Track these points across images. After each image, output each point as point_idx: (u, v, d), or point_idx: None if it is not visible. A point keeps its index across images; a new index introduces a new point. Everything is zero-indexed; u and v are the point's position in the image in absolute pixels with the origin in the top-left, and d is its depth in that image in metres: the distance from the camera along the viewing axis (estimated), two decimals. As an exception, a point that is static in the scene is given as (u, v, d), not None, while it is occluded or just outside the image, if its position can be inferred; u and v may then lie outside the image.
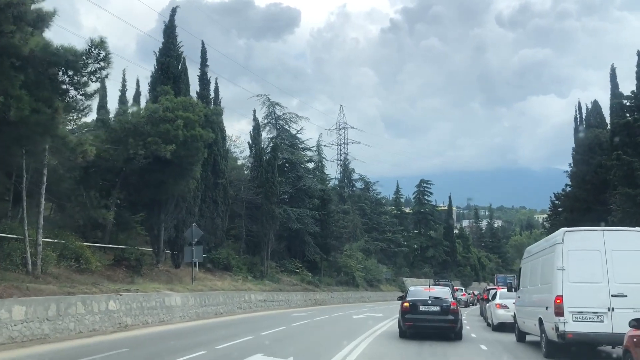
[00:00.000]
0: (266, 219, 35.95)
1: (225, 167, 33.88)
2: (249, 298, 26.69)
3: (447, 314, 14.27)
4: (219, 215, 32.27)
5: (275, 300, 30.38)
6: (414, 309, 14.53)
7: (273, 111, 44.99)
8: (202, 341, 13.17)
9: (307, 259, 43.63)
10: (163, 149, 20.07)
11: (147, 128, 20.81)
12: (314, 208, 44.70)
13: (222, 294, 23.68)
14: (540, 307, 11.25)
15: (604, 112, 35.39)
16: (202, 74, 33.61)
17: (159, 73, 25.22)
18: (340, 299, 43.56)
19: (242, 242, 37.08)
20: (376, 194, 76.59)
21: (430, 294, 15.09)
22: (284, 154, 45.09)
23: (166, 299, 18.63)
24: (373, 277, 56.46)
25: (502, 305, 17.77)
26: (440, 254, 79.21)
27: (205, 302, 21.78)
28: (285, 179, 45.04)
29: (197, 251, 23.19)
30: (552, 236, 11.58)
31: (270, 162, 37.20)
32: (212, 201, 31.67)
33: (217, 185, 31.91)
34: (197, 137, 21.15)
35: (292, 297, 33.45)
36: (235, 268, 32.39)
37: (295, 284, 36.70)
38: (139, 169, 22.65)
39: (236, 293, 25.40)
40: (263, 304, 28.37)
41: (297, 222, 41.40)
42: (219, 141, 32.76)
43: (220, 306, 23.08)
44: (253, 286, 29.42)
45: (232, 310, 24.26)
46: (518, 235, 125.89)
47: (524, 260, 14.01)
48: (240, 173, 40.56)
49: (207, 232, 31.27)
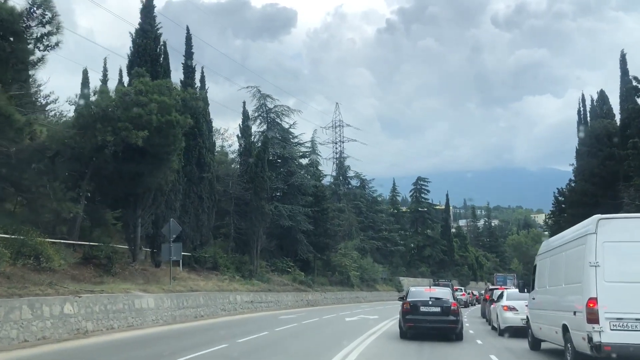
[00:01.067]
0: (255, 215, 34.05)
1: (212, 161, 31.91)
2: (234, 299, 24.78)
3: (448, 315, 14.18)
4: (205, 212, 30.32)
5: (264, 302, 28.47)
6: (415, 309, 14.45)
7: (264, 104, 43.04)
8: (162, 351, 11.30)
9: (299, 258, 41.77)
10: (134, 136, 18.13)
11: (118, 113, 18.86)
12: (307, 205, 42.83)
13: (203, 295, 21.76)
14: (565, 312, 9.37)
15: (611, 103, 33.64)
16: (187, 62, 31.71)
17: (135, 56, 23.27)
18: (334, 300, 41.69)
19: (231, 240, 35.17)
20: (372, 192, 74.72)
21: (431, 295, 14.97)
22: (275, 149, 43.19)
23: (136, 301, 16.70)
24: (369, 276, 54.60)
25: (510, 308, 15.91)
26: (437, 253, 77.42)
27: (184, 304, 19.85)
28: (276, 174, 43.15)
29: (175, 249, 21.26)
30: (581, 226, 9.59)
31: (260, 156, 35.24)
32: (197, 196, 29.74)
33: (202, 180, 29.97)
34: (172, 122, 19.20)
35: (282, 297, 31.55)
36: (223, 267, 30.53)
37: (287, 284, 34.81)
38: (111, 159, 20.73)
39: (220, 294, 23.48)
40: (250, 305, 26.47)
41: (288, 220, 39.50)
42: (205, 133, 30.88)
43: (201, 308, 21.16)
44: (240, 286, 27.52)
45: (214, 313, 22.34)
46: (515, 235, 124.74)
47: (541, 256, 12.11)
48: (229, 168, 38.59)
49: (191, 229, 29.42)
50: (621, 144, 27.95)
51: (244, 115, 39.06)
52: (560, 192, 36.69)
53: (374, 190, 75.33)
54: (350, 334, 15.79)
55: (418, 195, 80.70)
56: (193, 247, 29.85)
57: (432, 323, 14.28)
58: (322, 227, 43.93)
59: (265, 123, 43.32)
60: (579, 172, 32.78)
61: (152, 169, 20.46)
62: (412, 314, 14.46)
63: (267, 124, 43.32)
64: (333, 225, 45.87)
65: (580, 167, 31.56)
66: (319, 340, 14.82)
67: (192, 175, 29.45)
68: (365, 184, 73.14)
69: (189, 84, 30.26)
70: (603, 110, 33.47)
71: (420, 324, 14.40)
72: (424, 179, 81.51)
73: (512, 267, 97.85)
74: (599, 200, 28.72)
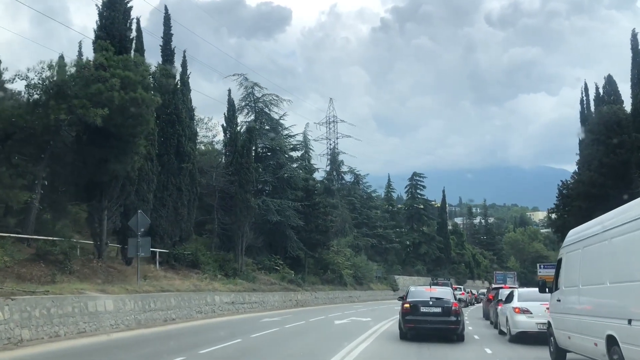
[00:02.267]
0: (240, 209, 31.77)
1: (193, 151, 29.62)
2: (212, 300, 22.52)
3: (449, 316, 13.85)
4: (185, 205, 28.02)
5: (247, 302, 26.23)
6: (415, 310, 14.11)
7: (251, 93, 40.70)
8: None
9: (289, 255, 39.55)
10: (92, 114, 15.87)
11: (75, 89, 16.58)
12: (297, 200, 40.61)
13: (175, 296, 19.49)
14: (612, 319, 7.17)
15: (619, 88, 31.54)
16: (166, 43, 29.39)
17: (101, 30, 20.88)
18: (325, 299, 39.47)
19: (215, 236, 32.92)
20: (366, 188, 72.50)
21: (432, 295, 14.64)
22: (263, 140, 40.93)
23: (90, 304, 14.43)
24: (362, 275, 52.39)
25: (523, 310, 13.72)
26: (433, 251, 75.30)
27: (151, 307, 17.59)
28: (264, 166, 40.92)
29: (143, 244, 18.97)
30: (633, 205, 7.26)
31: (245, 145, 32.92)
32: (175, 188, 27.47)
33: (181, 170, 27.68)
34: (137, 100, 16.93)
35: (268, 298, 29.31)
36: (204, 265, 28.29)
37: (274, 283, 32.56)
38: (73, 143, 18.52)
39: (195, 294, 21.22)
40: (231, 306, 24.22)
41: (277, 214, 37.27)
42: (184, 120, 28.58)
43: (172, 311, 18.89)
44: (221, 286, 25.27)
45: (188, 315, 20.08)
46: (512, 232, 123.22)
47: (569, 247, 9.87)
48: (213, 159, 36.32)
49: (170, 223, 27.17)
50: (634, 130, 25.90)
51: (230, 103, 36.78)
52: (564, 185, 34.55)
53: (368, 185, 73.24)
54: (338, 340, 13.61)
55: (413, 191, 78.54)
56: (172, 244, 27.63)
57: (432, 324, 13.91)
58: (313, 223, 41.71)
59: (253, 113, 41.03)
60: (585, 162, 30.63)
61: (117, 153, 18.21)
62: (412, 314, 14.09)
63: (255, 114, 41.02)
64: (325, 221, 43.62)
65: (586, 157, 29.39)
66: (298, 349, 12.61)
67: (171, 165, 27.20)
68: (360, 179, 70.96)
69: (167, 68, 28.00)
70: (611, 96, 31.34)
71: (420, 325, 14.02)
72: (420, 174, 79.39)
73: (510, 265, 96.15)
74: (608, 191, 26.63)
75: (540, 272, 47.99)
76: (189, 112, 32.14)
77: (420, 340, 13.85)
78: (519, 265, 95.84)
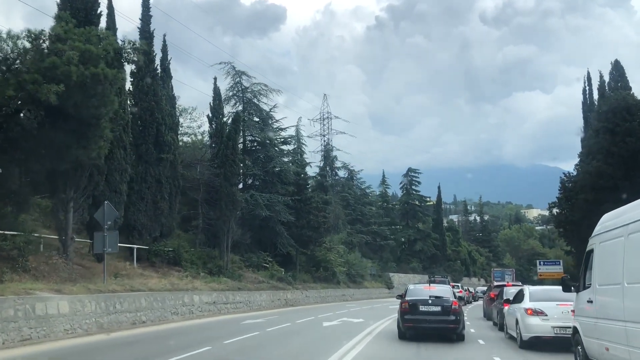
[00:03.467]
0: (226, 204, 29.89)
1: (174, 141, 27.70)
2: (190, 300, 20.64)
3: (449, 314, 13.50)
4: (165, 198, 26.12)
5: (231, 302, 24.37)
6: (414, 309, 13.75)
7: (239, 82, 38.71)
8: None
9: (279, 252, 37.67)
10: (45, 91, 13.92)
11: (27, 63, 14.65)
12: (288, 194, 38.73)
13: (147, 296, 17.59)
14: None
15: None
16: (144, 25, 27.53)
17: (65, 3, 18.95)
18: (317, 298, 37.65)
19: (199, 231, 31.02)
20: (361, 184, 70.60)
21: (431, 293, 14.16)
22: (252, 132, 39.00)
23: (39, 306, 12.53)
24: (356, 272, 50.54)
25: (537, 311, 11.92)
26: (429, 248, 73.56)
27: (116, 308, 15.70)
28: (253, 159, 39.05)
29: (110, 238, 17.10)
30: None
31: (230, 136, 30.99)
32: (154, 180, 25.57)
33: (160, 161, 25.77)
34: (99, 77, 15.00)
35: (254, 297, 27.45)
36: (186, 263, 26.45)
37: (262, 282, 30.69)
38: (28, 125, 16.58)
39: (171, 294, 19.33)
40: (212, 307, 22.35)
41: (266, 209, 35.35)
42: (164, 108, 26.67)
43: (142, 312, 17.00)
44: (202, 285, 23.41)
45: (162, 317, 18.20)
46: (507, 229, 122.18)
47: (604, 236, 7.99)
48: (197, 151, 34.45)
49: (148, 218, 25.30)
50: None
51: (215, 92, 34.85)
52: (567, 177, 32.86)
53: (362, 182, 71.32)
54: (325, 346, 11.81)
55: (409, 187, 76.71)
56: (152, 240, 25.79)
57: (432, 323, 13.52)
58: (304, 219, 39.82)
59: (241, 103, 39.03)
60: (590, 153, 28.91)
61: (79, 137, 16.25)
62: (411, 313, 13.70)
63: (242, 105, 39.04)
64: (317, 216, 41.75)
65: (592, 146, 27.66)
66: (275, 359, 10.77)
67: (149, 156, 25.31)
68: (354, 175, 69.07)
69: (145, 51, 26.04)
70: (618, 82, 29.64)
71: (419, 324, 13.63)
72: (415, 169, 77.54)
73: (505, 262, 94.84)
74: (617, 182, 24.96)
75: (540, 269, 46.46)
76: (171, 100, 30.29)
77: (419, 341, 13.03)
78: (514, 262, 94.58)
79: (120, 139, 21.21)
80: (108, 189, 20.84)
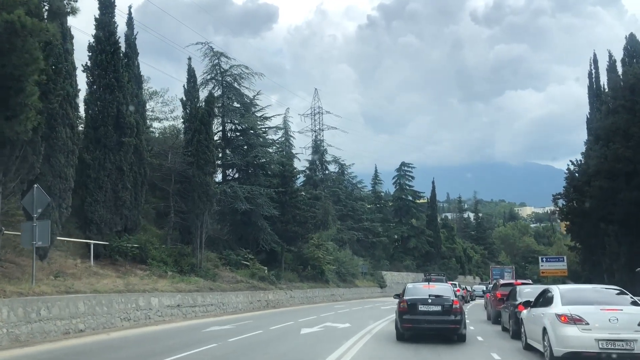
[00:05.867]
0: (199, 195, 26.84)
1: (139, 124, 24.65)
2: (147, 303, 17.58)
3: (450, 314, 12.97)
4: (127, 188, 23.06)
5: (200, 305, 21.33)
6: (413, 309, 13.19)
7: (217, 64, 35.60)
8: None
9: (262, 249, 34.73)
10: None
11: None
12: (272, 187, 35.78)
13: (87, 300, 14.52)
14: None
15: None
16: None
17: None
18: (303, 299, 34.69)
19: (171, 226, 27.98)
20: (352, 179, 67.56)
21: (431, 292, 13.54)
22: (232, 119, 35.96)
23: None
24: (347, 271, 47.63)
25: (574, 319, 8.98)
26: (423, 245, 70.77)
27: (42, 315, 12.64)
28: (233, 148, 36.09)
29: (41, 229, 14.03)
30: None
31: (204, 120, 27.90)
32: (115, 168, 22.51)
33: (122, 146, 22.71)
34: (15, 26, 11.94)
35: (229, 299, 24.45)
36: (154, 261, 23.50)
37: (239, 281, 27.69)
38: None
39: (121, 297, 16.25)
40: (176, 310, 19.30)
41: (246, 202, 32.34)
42: (126, 86, 23.55)
43: (79, 319, 13.94)
44: (167, 285, 20.35)
45: (107, 324, 15.15)
46: (502, 227, 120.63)
47: None
48: (169, 139, 31.39)
49: (108, 210, 22.26)
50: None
51: (190, 74, 31.71)
52: (576, 165, 30.05)
53: (354, 176, 68.29)
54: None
55: (402, 181, 73.90)
56: (116, 234, 22.83)
57: (432, 323, 12.98)
58: (290, 213, 36.91)
59: (220, 87, 35.92)
60: (600, 138, 26.06)
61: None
62: (409, 313, 13.10)
63: (222, 89, 35.94)
64: (304, 210, 38.81)
65: (607, 127, 24.81)
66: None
67: (108, 139, 22.23)
68: (345, 169, 66.07)
69: (104, 22, 23.03)
70: (633, 57, 26.82)
71: (418, 325, 13.07)
72: (408, 164, 74.77)
73: (501, 260, 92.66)
74: (637, 167, 22.17)
75: (542, 265, 43.78)
76: (137, 79, 27.25)
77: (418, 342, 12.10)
78: (509, 260, 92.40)
79: (66, 114, 18.18)
80: (51, 173, 17.80)
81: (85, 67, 22.75)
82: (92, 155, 21.81)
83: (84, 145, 21.81)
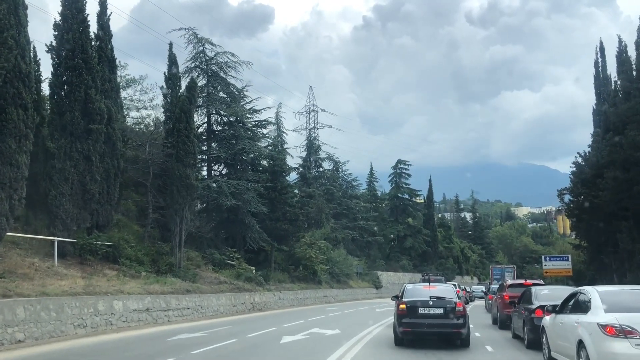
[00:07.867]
0: (178, 189, 24.71)
1: (112, 111, 22.54)
2: (109, 307, 15.44)
3: (452, 318, 12.04)
4: (96, 180, 20.92)
5: (174, 309, 19.19)
6: (413, 311, 12.26)
7: (202, 51, 33.43)
8: None
9: (250, 247, 32.64)
10: None
11: None
12: (261, 182, 33.69)
13: (28, 304, 12.37)
14: None
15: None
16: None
17: None
18: (293, 301, 32.58)
19: (149, 223, 25.87)
20: (347, 176, 65.41)
21: (432, 294, 12.62)
22: (217, 110, 33.81)
23: None
24: (341, 271, 45.52)
25: (626, 331, 6.90)
26: (419, 244, 68.70)
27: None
28: (218, 140, 34.00)
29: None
30: None
31: (184, 108, 25.76)
32: (82, 157, 20.39)
33: (90, 133, 20.59)
34: None
35: (209, 301, 22.33)
36: (127, 260, 21.43)
37: (223, 282, 25.57)
38: None
39: (75, 301, 14.10)
40: (144, 315, 17.15)
41: (232, 198, 30.22)
42: (94, 67, 21.38)
43: (16, 327, 11.80)
44: (136, 287, 18.23)
45: (57, 332, 13.02)
46: (499, 226, 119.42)
47: None
48: (147, 129, 29.25)
49: (74, 204, 20.12)
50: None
51: (171, 60, 29.53)
52: (584, 157, 28.06)
53: (349, 174, 66.14)
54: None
55: (398, 180, 71.84)
56: (85, 230, 20.77)
57: (433, 327, 12.20)
58: (280, 210, 34.81)
59: (205, 76, 33.78)
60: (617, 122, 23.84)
61: None
62: (409, 316, 12.34)
63: (207, 78, 33.80)
64: (295, 207, 36.74)
65: (621, 114, 22.79)
66: None
67: (75, 126, 20.10)
68: (339, 167, 63.93)
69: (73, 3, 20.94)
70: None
71: (419, 329, 12.30)
72: (405, 161, 72.63)
73: (499, 259, 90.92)
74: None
75: (545, 265, 41.84)
76: (109, 62, 25.10)
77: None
78: (507, 260, 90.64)
79: (18, 94, 16.07)
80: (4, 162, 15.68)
81: (50, 47, 20.71)
82: (57, 143, 19.75)
83: (49, 132, 19.89)
